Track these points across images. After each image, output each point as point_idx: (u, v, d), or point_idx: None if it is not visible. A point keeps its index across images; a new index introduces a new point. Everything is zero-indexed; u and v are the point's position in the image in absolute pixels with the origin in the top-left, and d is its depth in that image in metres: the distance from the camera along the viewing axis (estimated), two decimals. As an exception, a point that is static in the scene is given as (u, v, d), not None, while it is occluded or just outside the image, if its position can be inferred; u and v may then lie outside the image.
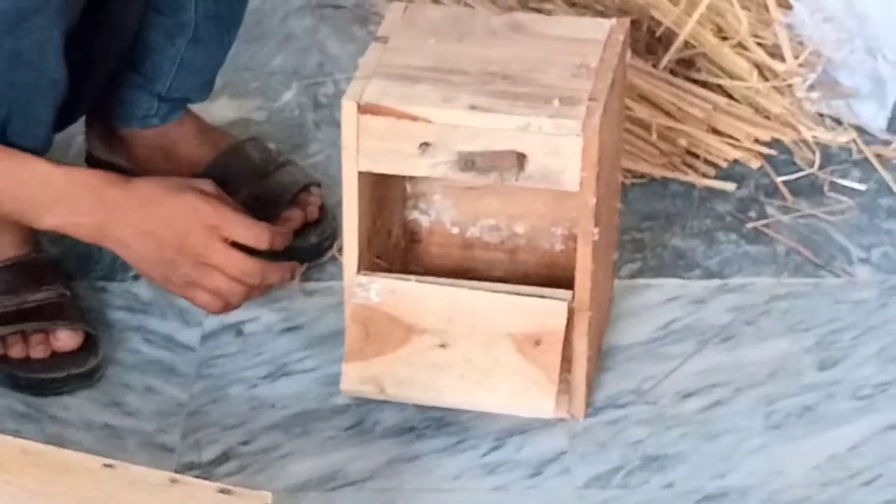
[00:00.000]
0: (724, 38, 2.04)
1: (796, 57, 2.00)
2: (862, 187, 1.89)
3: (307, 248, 1.77)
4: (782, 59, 2.01)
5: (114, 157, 1.87)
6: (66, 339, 1.57)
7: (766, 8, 2.08)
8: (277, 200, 1.77)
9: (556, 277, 1.55)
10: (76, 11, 1.54)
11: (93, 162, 1.89)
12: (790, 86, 1.99)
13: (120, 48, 1.68)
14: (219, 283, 1.50)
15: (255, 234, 1.51)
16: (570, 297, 1.46)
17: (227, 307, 1.53)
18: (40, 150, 1.59)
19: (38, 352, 1.58)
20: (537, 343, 1.47)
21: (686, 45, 2.05)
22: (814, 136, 1.94)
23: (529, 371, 1.47)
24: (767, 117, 1.97)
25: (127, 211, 1.50)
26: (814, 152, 1.92)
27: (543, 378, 1.46)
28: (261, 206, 1.74)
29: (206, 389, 1.60)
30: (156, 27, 1.72)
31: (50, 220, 1.50)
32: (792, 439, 1.51)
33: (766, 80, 2.02)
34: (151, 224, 1.49)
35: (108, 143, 1.88)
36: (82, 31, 1.59)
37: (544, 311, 1.47)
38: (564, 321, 1.46)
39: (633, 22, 1.87)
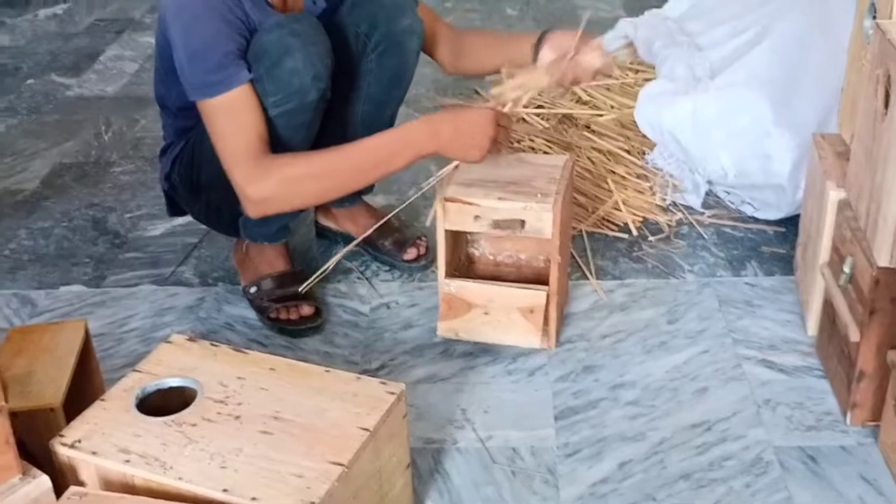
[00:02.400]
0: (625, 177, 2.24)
1: (655, 176, 2.23)
2: (689, 235, 2.09)
3: (420, 268, 1.97)
4: (648, 178, 2.23)
5: (328, 222, 2.05)
6: (306, 309, 1.80)
7: (642, 153, 2.30)
8: (405, 243, 1.97)
9: (541, 279, 1.73)
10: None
11: (318, 227, 2.08)
12: (653, 191, 2.20)
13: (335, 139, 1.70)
14: (497, 147, 1.62)
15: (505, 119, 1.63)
16: (548, 289, 1.71)
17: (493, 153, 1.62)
18: None
19: (293, 314, 1.80)
20: (531, 311, 1.71)
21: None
22: (666, 216, 2.13)
23: (528, 325, 1.72)
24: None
25: (446, 123, 1.60)
26: (668, 221, 2.12)
27: (534, 328, 1.72)
28: (397, 247, 1.96)
29: (372, 335, 1.81)
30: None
31: (417, 154, 1.59)
32: (655, 359, 1.72)
33: (642, 191, 2.20)
34: (457, 124, 1.59)
35: (327, 216, 2.05)
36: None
37: (535, 296, 1.71)
38: (545, 301, 1.70)
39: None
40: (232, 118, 1.56)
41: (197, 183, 1.78)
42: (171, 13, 1.59)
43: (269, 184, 1.56)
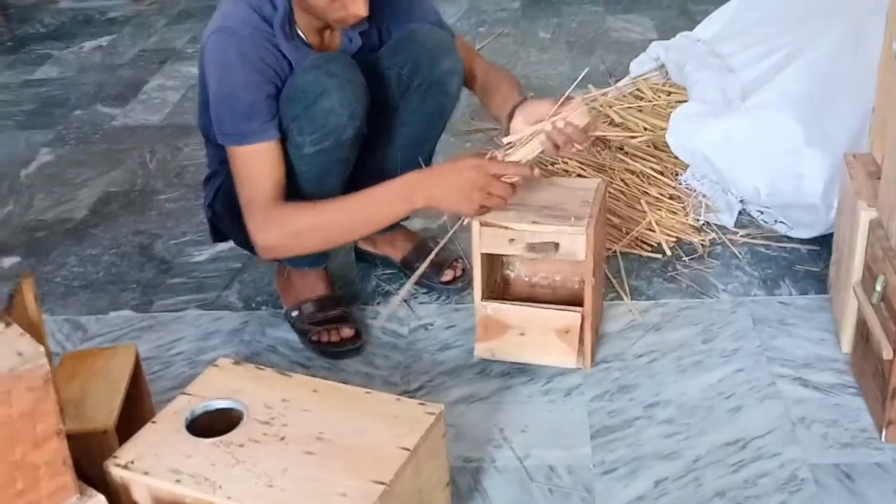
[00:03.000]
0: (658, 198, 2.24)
1: (688, 197, 2.23)
2: (722, 255, 2.09)
3: (457, 290, 1.99)
4: (681, 198, 2.23)
5: (367, 246, 2.07)
6: (346, 331, 1.83)
7: (675, 174, 2.30)
8: (442, 265, 1.99)
9: (576, 300, 1.74)
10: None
11: (357, 251, 2.09)
12: (686, 211, 2.19)
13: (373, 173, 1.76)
14: (492, 201, 1.60)
15: (515, 170, 1.61)
16: (583, 310, 1.72)
17: (490, 211, 1.62)
18: None
19: (334, 337, 1.83)
20: (567, 332, 1.72)
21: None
22: (700, 236, 2.13)
23: (563, 346, 1.73)
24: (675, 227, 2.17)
25: (435, 181, 1.60)
26: (702, 240, 2.12)
27: (569, 349, 1.73)
28: (434, 269, 1.95)
29: (411, 356, 1.83)
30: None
31: (411, 208, 1.62)
32: (690, 378, 1.73)
33: (675, 212, 2.20)
34: (451, 183, 1.59)
35: (366, 240, 2.05)
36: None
37: (570, 317, 1.72)
38: (580, 321, 1.72)
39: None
40: (251, 168, 1.64)
41: (239, 211, 1.81)
42: (206, 56, 1.65)
43: (275, 234, 1.64)
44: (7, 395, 1.10)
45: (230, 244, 2.16)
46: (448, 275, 2.01)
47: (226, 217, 1.88)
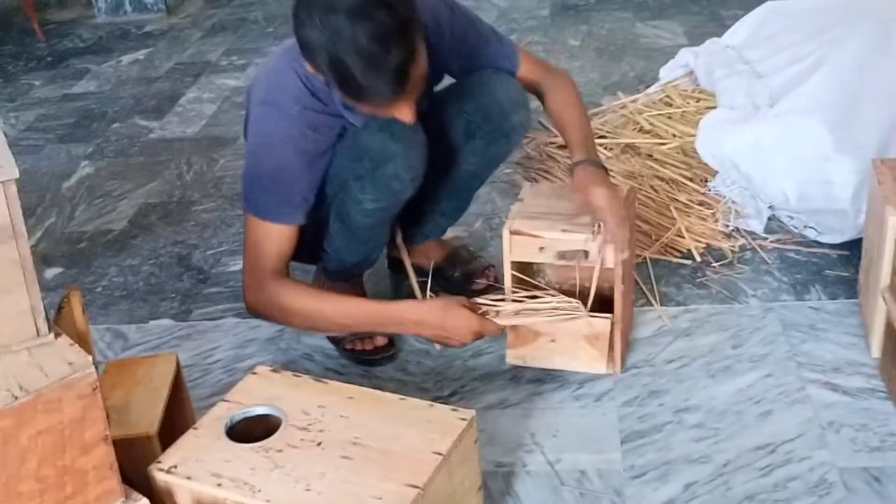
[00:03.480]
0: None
1: (717, 203, 2.24)
2: (752, 260, 2.10)
3: (487, 295, 1.84)
4: (710, 205, 2.24)
5: (400, 255, 2.01)
6: (380, 340, 1.86)
7: (704, 180, 2.31)
8: (474, 273, 2.03)
9: (607, 307, 1.74)
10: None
11: (391, 260, 2.09)
12: (715, 218, 2.20)
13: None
14: (486, 335, 1.69)
15: (492, 331, 1.68)
16: (612, 317, 1.73)
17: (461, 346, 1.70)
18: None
19: (367, 345, 1.86)
20: (597, 338, 1.74)
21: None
22: (729, 241, 2.14)
23: (593, 352, 1.76)
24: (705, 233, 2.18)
25: (431, 321, 1.67)
26: (731, 246, 2.13)
27: (599, 355, 1.75)
28: (467, 278, 2.02)
29: (443, 363, 1.86)
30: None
31: (399, 332, 1.76)
32: (719, 383, 1.74)
33: (704, 218, 2.21)
34: (442, 325, 1.66)
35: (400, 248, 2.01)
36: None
37: (600, 323, 1.73)
38: (609, 328, 1.73)
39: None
40: (263, 239, 1.67)
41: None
42: (251, 125, 1.67)
43: (264, 301, 1.69)
44: (58, 402, 1.14)
45: None
46: (480, 284, 2.04)
47: None
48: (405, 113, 1.54)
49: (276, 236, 1.68)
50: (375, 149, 1.62)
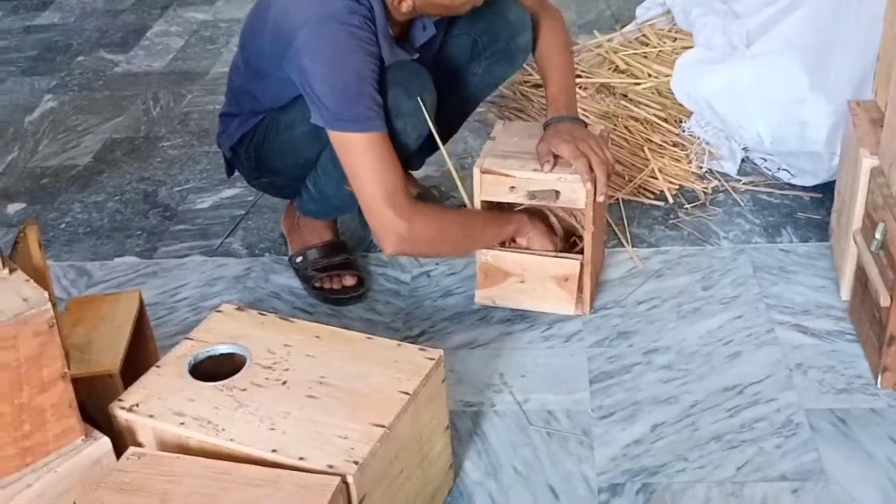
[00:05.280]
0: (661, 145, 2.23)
1: (691, 144, 2.24)
2: (724, 202, 2.10)
3: None
4: (684, 146, 2.23)
5: None
6: (349, 279, 1.86)
7: (679, 121, 2.29)
8: None
9: (576, 248, 1.80)
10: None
11: None
12: (689, 159, 2.19)
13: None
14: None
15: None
16: (582, 258, 1.74)
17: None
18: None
19: (336, 284, 1.85)
20: (566, 280, 1.75)
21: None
22: (702, 183, 2.14)
23: (562, 293, 1.76)
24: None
25: (529, 229, 1.75)
26: (704, 188, 2.13)
27: (568, 296, 1.76)
28: None
29: (413, 302, 1.85)
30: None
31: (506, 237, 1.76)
32: (690, 324, 1.75)
33: (678, 159, 2.20)
34: (539, 233, 1.76)
35: None
36: None
37: (569, 264, 1.74)
38: (578, 269, 1.74)
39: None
40: (383, 156, 1.56)
41: (263, 165, 1.82)
42: (310, 44, 1.55)
43: (420, 228, 1.59)
44: (13, 339, 1.12)
45: (234, 190, 2.24)
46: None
47: (247, 166, 1.87)
48: None
49: (388, 149, 1.57)
50: (388, 101, 1.58)
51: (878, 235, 1.57)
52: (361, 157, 1.55)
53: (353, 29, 1.54)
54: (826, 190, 2.06)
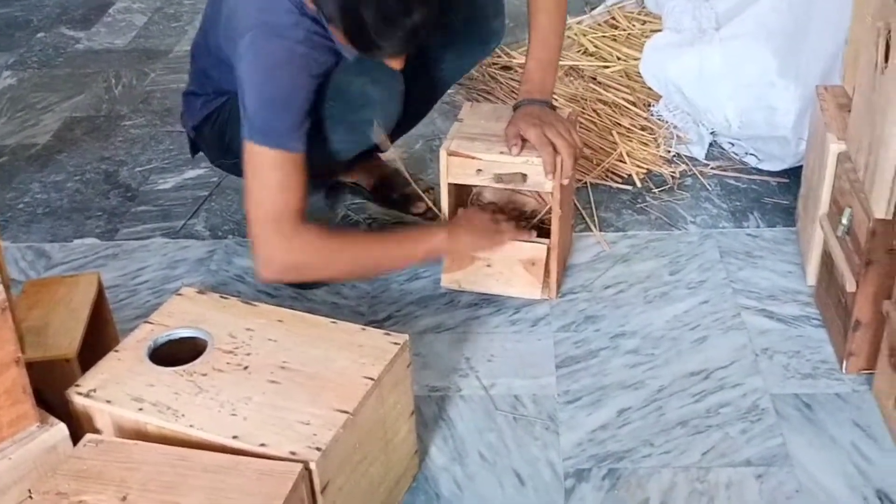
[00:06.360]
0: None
1: (659, 128, 2.23)
2: (692, 187, 2.10)
3: (427, 220, 1.94)
4: (652, 130, 2.22)
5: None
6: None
7: (647, 105, 2.29)
8: (412, 196, 1.97)
9: (543, 232, 1.76)
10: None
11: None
12: (658, 143, 2.18)
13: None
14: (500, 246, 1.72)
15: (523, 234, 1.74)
16: (549, 242, 1.73)
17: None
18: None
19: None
20: (532, 264, 1.74)
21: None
22: (670, 167, 2.13)
23: (529, 277, 1.75)
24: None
25: (460, 237, 1.71)
26: (672, 172, 2.13)
27: (535, 280, 1.75)
28: (406, 199, 1.96)
29: (378, 286, 1.82)
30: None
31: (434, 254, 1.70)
32: (657, 308, 1.75)
33: (646, 143, 2.19)
34: (476, 235, 1.72)
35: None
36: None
37: (535, 248, 1.74)
38: (545, 253, 1.73)
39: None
40: (282, 178, 1.49)
41: (228, 146, 1.76)
42: (249, 53, 1.50)
43: (299, 251, 1.52)
44: (-37, 323, 1.09)
45: (197, 171, 2.20)
46: (420, 207, 1.99)
47: (211, 146, 1.84)
48: (397, 63, 1.51)
49: (295, 171, 1.50)
50: (354, 92, 1.56)
51: (844, 220, 1.57)
52: (263, 172, 1.49)
53: (293, 44, 1.50)
54: (793, 175, 2.07)
